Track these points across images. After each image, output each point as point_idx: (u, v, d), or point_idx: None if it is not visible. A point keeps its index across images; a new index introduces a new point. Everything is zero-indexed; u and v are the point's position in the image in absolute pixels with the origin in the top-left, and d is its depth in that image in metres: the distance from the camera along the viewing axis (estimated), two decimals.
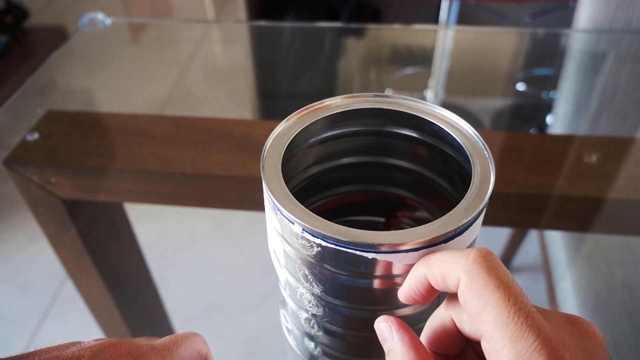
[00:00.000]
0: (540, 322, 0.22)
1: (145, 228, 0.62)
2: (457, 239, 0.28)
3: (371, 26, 1.42)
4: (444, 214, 0.28)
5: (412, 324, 0.33)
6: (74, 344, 0.27)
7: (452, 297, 0.26)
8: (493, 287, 0.22)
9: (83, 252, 0.59)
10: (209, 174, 0.61)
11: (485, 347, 0.23)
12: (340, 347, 0.35)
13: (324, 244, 0.27)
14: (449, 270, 0.24)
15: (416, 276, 0.26)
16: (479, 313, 0.22)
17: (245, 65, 1.04)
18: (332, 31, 1.14)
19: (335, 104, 0.36)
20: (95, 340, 0.28)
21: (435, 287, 0.26)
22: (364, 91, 0.37)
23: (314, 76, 1.04)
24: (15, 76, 1.80)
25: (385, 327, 0.27)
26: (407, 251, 0.27)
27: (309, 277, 0.30)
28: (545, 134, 0.94)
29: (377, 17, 1.98)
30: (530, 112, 1.16)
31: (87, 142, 0.67)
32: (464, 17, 1.84)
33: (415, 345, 0.26)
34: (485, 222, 0.32)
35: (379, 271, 0.28)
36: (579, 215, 0.59)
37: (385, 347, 0.27)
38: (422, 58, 1.21)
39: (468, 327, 0.25)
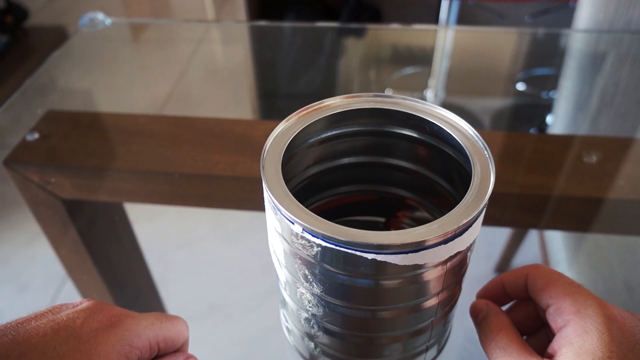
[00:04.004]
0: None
1: (145, 228, 0.62)
2: (457, 239, 0.28)
3: (371, 26, 1.42)
4: (444, 214, 0.28)
5: (413, 324, 0.34)
6: (64, 306, 0.29)
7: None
8: (549, 270, 0.33)
9: (83, 252, 0.59)
10: (209, 174, 0.61)
11: (551, 311, 0.31)
12: (340, 347, 0.35)
13: (324, 244, 0.27)
14: (517, 272, 0.34)
15: (494, 282, 0.36)
16: (544, 288, 0.32)
17: (245, 65, 1.04)
18: (332, 31, 1.14)
19: (335, 104, 0.36)
20: (81, 301, 0.30)
21: (508, 286, 0.35)
22: (364, 91, 0.37)
23: (314, 76, 1.03)
24: (15, 76, 1.80)
25: (481, 302, 0.35)
26: (407, 252, 0.27)
27: (309, 277, 0.30)
28: (545, 134, 0.94)
29: (377, 17, 1.98)
30: (530, 112, 1.16)
31: (87, 142, 0.67)
32: (464, 17, 1.84)
33: (502, 312, 0.35)
34: (485, 222, 0.32)
35: (378, 271, 0.28)
36: (579, 215, 0.59)
37: (479, 317, 0.34)
38: (422, 58, 1.21)
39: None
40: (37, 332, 0.27)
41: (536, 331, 0.35)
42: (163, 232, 0.63)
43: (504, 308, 0.36)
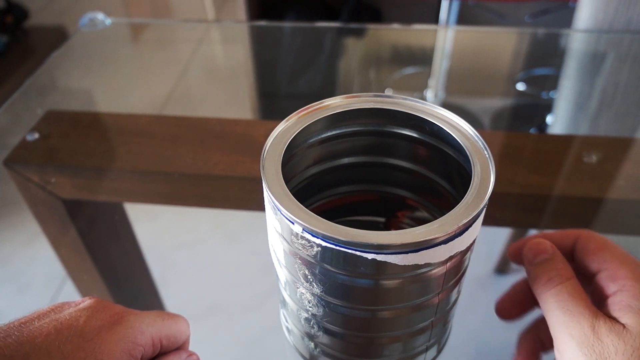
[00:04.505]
0: None
1: (145, 228, 0.62)
2: (457, 239, 0.28)
3: (371, 26, 1.42)
4: (444, 214, 0.28)
5: (413, 324, 0.34)
6: (66, 304, 0.29)
7: None
8: (602, 237, 0.33)
9: (83, 252, 0.59)
10: (209, 174, 0.61)
11: (602, 277, 0.31)
12: (340, 347, 0.35)
13: (324, 244, 0.27)
14: (567, 232, 0.34)
15: (536, 237, 0.34)
16: (597, 252, 0.32)
17: (245, 65, 1.04)
18: (332, 31, 1.14)
19: (335, 104, 0.36)
20: (82, 299, 0.30)
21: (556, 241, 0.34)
22: (364, 91, 0.37)
23: (314, 76, 1.04)
24: (15, 76, 1.80)
25: (546, 242, 0.33)
26: (407, 251, 0.27)
27: (309, 277, 0.30)
28: (545, 134, 0.94)
29: (377, 17, 1.98)
30: (530, 112, 1.16)
31: (87, 142, 0.67)
32: (464, 17, 1.84)
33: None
34: (485, 222, 0.32)
35: (379, 271, 0.28)
36: (579, 215, 0.59)
37: (541, 258, 0.33)
38: (422, 58, 1.21)
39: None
40: (41, 332, 0.27)
41: None
42: (163, 232, 0.63)
43: None
